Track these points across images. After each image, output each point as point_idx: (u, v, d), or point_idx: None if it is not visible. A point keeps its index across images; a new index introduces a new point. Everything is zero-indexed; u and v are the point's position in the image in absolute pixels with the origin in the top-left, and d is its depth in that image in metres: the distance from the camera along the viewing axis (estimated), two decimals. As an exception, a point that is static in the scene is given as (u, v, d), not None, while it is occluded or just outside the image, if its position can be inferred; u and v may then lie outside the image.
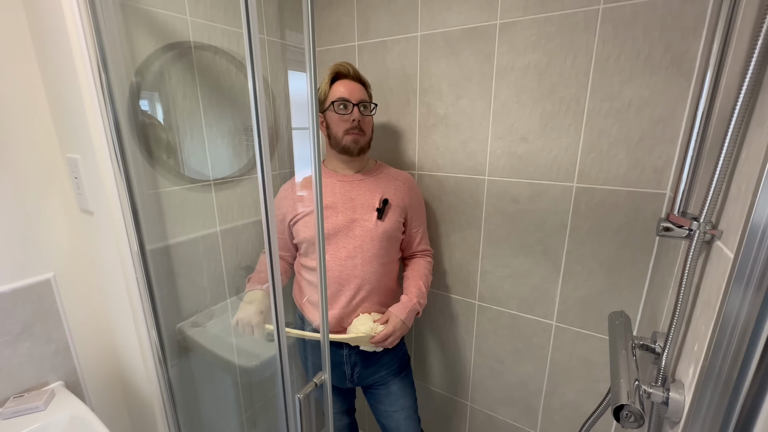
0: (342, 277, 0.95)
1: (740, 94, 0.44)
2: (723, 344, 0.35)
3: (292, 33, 1.27)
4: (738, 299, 0.34)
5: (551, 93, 0.93)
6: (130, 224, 0.89)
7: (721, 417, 0.35)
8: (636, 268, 0.92)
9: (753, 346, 0.32)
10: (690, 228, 0.51)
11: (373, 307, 0.99)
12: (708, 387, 0.38)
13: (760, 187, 0.33)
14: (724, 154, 0.46)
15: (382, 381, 1.07)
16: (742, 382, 0.33)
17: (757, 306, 0.32)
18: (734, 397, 0.34)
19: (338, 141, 0.95)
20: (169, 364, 1.02)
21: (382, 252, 0.97)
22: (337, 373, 1.05)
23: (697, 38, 0.75)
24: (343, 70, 0.95)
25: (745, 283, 0.34)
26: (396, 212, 0.99)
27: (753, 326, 0.32)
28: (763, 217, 0.32)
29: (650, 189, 0.86)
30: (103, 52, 0.80)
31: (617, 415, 0.52)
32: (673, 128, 0.81)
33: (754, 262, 0.33)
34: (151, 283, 0.95)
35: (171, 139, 1.03)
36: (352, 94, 0.93)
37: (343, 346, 1.01)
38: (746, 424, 0.33)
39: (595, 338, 1.01)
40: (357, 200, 0.97)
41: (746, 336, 0.33)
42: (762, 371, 0.32)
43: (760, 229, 0.33)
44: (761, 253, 0.32)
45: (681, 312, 0.54)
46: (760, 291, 0.32)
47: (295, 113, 1.32)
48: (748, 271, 0.33)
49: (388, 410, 1.11)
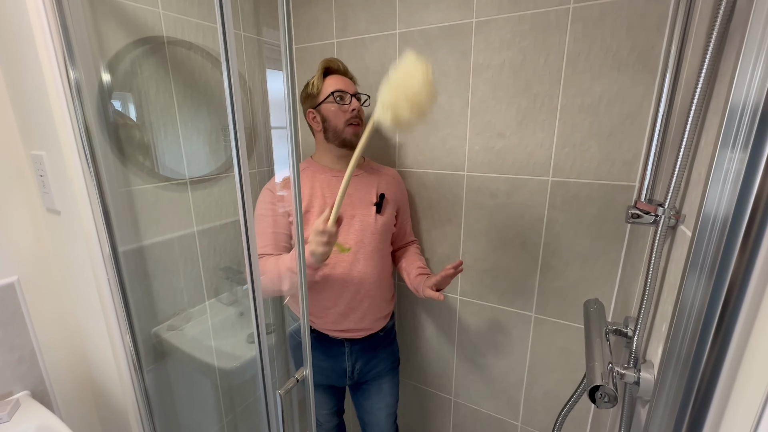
0: (345, 274, 0.94)
1: (698, 86, 0.47)
2: (682, 324, 0.37)
3: (269, 30, 1.26)
4: (694, 281, 0.36)
5: (526, 89, 0.95)
6: (101, 224, 0.85)
7: (682, 393, 0.37)
8: (609, 258, 0.95)
9: (708, 325, 0.34)
10: (656, 214, 0.54)
11: (376, 303, 1.00)
12: (670, 366, 0.39)
13: (711, 173, 0.35)
14: (685, 142, 0.49)
15: (377, 376, 1.08)
16: (699, 359, 0.34)
17: (710, 288, 0.34)
18: (693, 374, 0.35)
19: (338, 134, 0.94)
20: (144, 370, 0.99)
21: (381, 245, 0.99)
22: (338, 371, 1.04)
23: (661, 36, 0.79)
24: (333, 66, 0.95)
25: (699, 267, 0.35)
26: (391, 206, 1.01)
27: (707, 306, 0.34)
28: (713, 204, 0.33)
29: (620, 181, 0.90)
30: (70, 45, 0.77)
31: (593, 396, 0.54)
32: (640, 123, 0.85)
33: (707, 246, 0.34)
34: (125, 286, 0.92)
35: (144, 136, 1.00)
36: (347, 87, 0.94)
37: (344, 343, 1.01)
38: (704, 399, 0.35)
39: (572, 328, 1.04)
40: (354, 195, 0.97)
41: (702, 316, 0.34)
42: (717, 348, 0.33)
43: (711, 214, 0.34)
44: (713, 237, 0.33)
45: (650, 295, 0.56)
46: (713, 274, 0.33)
47: (276, 112, 1.31)
48: (702, 254, 0.35)
49: (373, 407, 1.11)
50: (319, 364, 1.04)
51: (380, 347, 1.06)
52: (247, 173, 0.60)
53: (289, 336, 1.13)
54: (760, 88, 0.28)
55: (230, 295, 1.25)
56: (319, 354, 1.03)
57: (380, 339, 1.06)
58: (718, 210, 0.32)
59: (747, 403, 0.29)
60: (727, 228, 0.30)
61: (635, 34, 0.81)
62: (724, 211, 0.30)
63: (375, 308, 1.00)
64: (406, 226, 1.12)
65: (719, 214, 0.31)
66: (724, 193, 0.30)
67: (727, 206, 0.30)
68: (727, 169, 0.30)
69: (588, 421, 1.10)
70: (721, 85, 0.45)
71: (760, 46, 0.29)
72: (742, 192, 0.29)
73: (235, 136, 0.57)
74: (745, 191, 0.28)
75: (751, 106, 0.29)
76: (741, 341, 0.31)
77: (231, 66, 0.53)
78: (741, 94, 0.30)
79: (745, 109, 0.29)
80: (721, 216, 0.31)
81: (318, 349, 1.03)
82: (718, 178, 0.31)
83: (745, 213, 0.29)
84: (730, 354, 0.31)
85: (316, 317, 0.99)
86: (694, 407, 0.33)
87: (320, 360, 1.03)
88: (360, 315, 0.98)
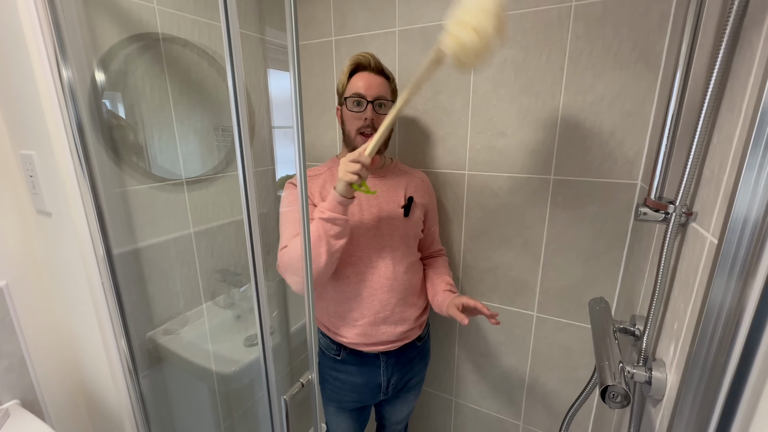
0: (374, 280, 0.88)
1: (710, 82, 0.47)
2: (709, 328, 0.35)
3: (270, 28, 1.23)
4: (722, 284, 0.35)
5: (528, 88, 0.95)
6: (95, 226, 0.83)
7: (710, 398, 0.36)
8: (611, 256, 0.95)
9: (737, 329, 0.33)
10: (666, 211, 0.53)
11: (409, 311, 0.93)
12: (696, 370, 0.38)
13: (742, 173, 0.33)
14: (697, 139, 0.48)
15: (408, 387, 1.03)
16: (727, 364, 0.33)
17: (739, 291, 0.33)
18: (720, 378, 0.34)
19: (350, 140, 0.89)
20: (140, 375, 0.96)
21: (410, 250, 0.93)
22: (371, 387, 0.97)
23: (663, 35, 0.79)
24: (364, 62, 0.87)
25: (729, 269, 0.34)
26: (419, 210, 0.95)
27: (737, 310, 0.33)
28: (744, 205, 0.32)
29: (622, 180, 0.90)
30: (62, 41, 0.75)
31: (604, 396, 0.53)
32: (642, 120, 0.85)
33: (737, 248, 0.33)
34: (119, 289, 0.89)
35: (138, 135, 0.97)
36: (369, 89, 0.85)
37: (380, 356, 0.94)
38: (731, 402, 0.34)
39: (574, 326, 1.04)
40: (381, 197, 0.91)
41: (731, 320, 0.33)
42: (747, 355, 0.32)
43: (742, 217, 0.33)
44: (744, 240, 0.32)
45: (660, 293, 0.56)
46: (742, 276, 0.32)
47: (281, 111, 1.28)
48: (732, 257, 0.33)
49: (396, 410, 1.09)
50: (352, 380, 0.96)
51: (416, 358, 1.00)
52: (252, 172, 0.59)
53: None
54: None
55: (227, 297, 1.22)
56: (352, 369, 0.96)
57: (417, 349, 1.00)
58: (749, 211, 0.31)
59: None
60: (759, 229, 0.29)
61: (637, 32, 0.81)
62: (756, 212, 0.30)
63: (408, 316, 0.93)
64: (434, 233, 1.04)
65: (750, 215, 0.30)
66: (756, 194, 0.30)
67: (759, 206, 0.29)
68: (759, 170, 0.29)
69: (590, 420, 1.10)
70: (734, 81, 0.45)
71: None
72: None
73: (239, 135, 0.55)
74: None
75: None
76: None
77: (236, 65, 0.52)
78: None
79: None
80: (752, 217, 0.30)
81: (351, 364, 0.95)
82: (749, 179, 0.30)
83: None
84: (760, 357, 0.30)
85: (345, 330, 0.92)
86: (721, 414, 0.32)
87: (353, 376, 0.96)
88: (392, 325, 0.91)
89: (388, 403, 1.08)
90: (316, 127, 1.29)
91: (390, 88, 0.90)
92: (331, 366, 0.98)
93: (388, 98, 0.88)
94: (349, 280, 0.89)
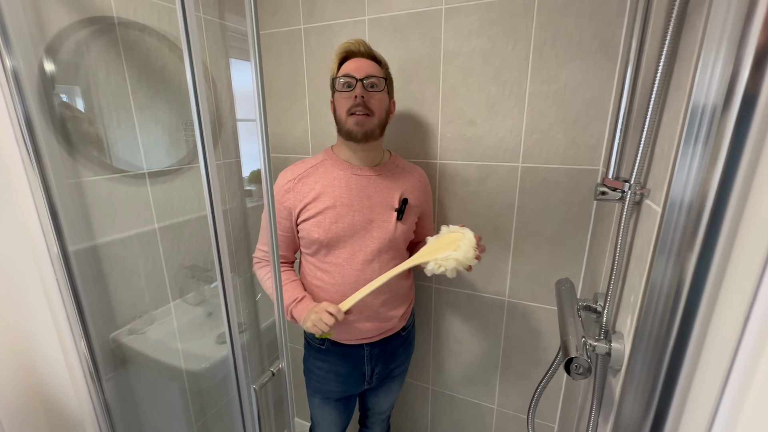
0: (359, 283, 0.86)
1: (659, 64, 0.49)
2: (654, 300, 0.38)
3: (231, 15, 1.19)
4: (664, 257, 0.37)
5: (496, 77, 0.96)
6: (47, 221, 0.78)
7: (655, 364, 0.38)
8: (576, 240, 0.99)
9: (677, 300, 0.35)
10: (622, 189, 0.56)
11: (393, 307, 0.95)
12: (642, 339, 0.40)
13: (680, 150, 0.36)
14: (648, 119, 0.51)
15: (391, 376, 1.04)
16: (671, 331, 0.36)
17: (680, 264, 0.35)
18: (665, 343, 0.37)
19: (342, 124, 0.85)
20: (103, 379, 0.91)
21: (398, 253, 0.92)
22: (355, 377, 0.98)
23: (620, 24, 0.83)
24: (353, 48, 0.84)
25: (669, 244, 0.36)
26: (413, 213, 0.94)
27: (679, 280, 0.35)
28: (681, 181, 0.34)
29: (585, 166, 0.93)
30: (4, 26, 0.69)
31: (568, 368, 0.55)
32: (603, 108, 0.89)
33: (676, 222, 0.35)
34: (77, 288, 0.84)
35: (93, 125, 0.92)
36: (358, 70, 0.82)
37: (363, 347, 0.95)
38: (673, 369, 0.36)
39: (543, 309, 1.08)
40: (375, 198, 0.89)
41: (672, 292, 0.35)
42: (684, 323, 0.34)
43: (681, 190, 0.35)
44: (682, 213, 0.34)
45: (618, 268, 0.58)
46: (681, 252, 0.34)
47: (244, 102, 1.24)
48: (672, 229, 0.35)
49: (379, 400, 1.09)
50: (336, 369, 0.97)
51: (400, 348, 1.01)
52: (214, 165, 0.57)
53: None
54: (719, 88, 0.29)
55: (197, 294, 1.18)
56: (335, 359, 0.96)
57: (401, 339, 1.01)
58: (686, 186, 0.33)
59: (713, 372, 0.30)
60: (693, 208, 0.31)
61: (597, 22, 0.84)
62: (692, 186, 0.31)
63: (393, 315, 0.95)
64: (427, 233, 1.02)
65: (685, 195, 0.32)
66: (692, 169, 0.31)
67: (696, 181, 0.31)
68: (694, 145, 0.31)
69: (560, 397, 1.14)
70: (681, 63, 0.47)
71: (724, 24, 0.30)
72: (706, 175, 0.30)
73: (200, 126, 0.53)
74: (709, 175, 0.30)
75: (710, 105, 0.30)
76: (705, 317, 0.32)
77: (193, 49, 0.50)
78: (701, 94, 0.31)
79: (706, 107, 0.30)
80: (687, 197, 0.32)
81: (335, 354, 0.96)
82: (686, 156, 0.32)
83: (709, 195, 0.30)
84: (697, 327, 0.32)
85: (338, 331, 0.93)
86: (665, 377, 0.34)
87: (337, 365, 0.97)
88: (376, 323, 0.93)
89: (371, 392, 1.08)
90: (287, 117, 1.27)
91: (382, 71, 0.87)
92: (315, 356, 0.98)
93: (380, 76, 0.84)
94: (335, 280, 0.89)
